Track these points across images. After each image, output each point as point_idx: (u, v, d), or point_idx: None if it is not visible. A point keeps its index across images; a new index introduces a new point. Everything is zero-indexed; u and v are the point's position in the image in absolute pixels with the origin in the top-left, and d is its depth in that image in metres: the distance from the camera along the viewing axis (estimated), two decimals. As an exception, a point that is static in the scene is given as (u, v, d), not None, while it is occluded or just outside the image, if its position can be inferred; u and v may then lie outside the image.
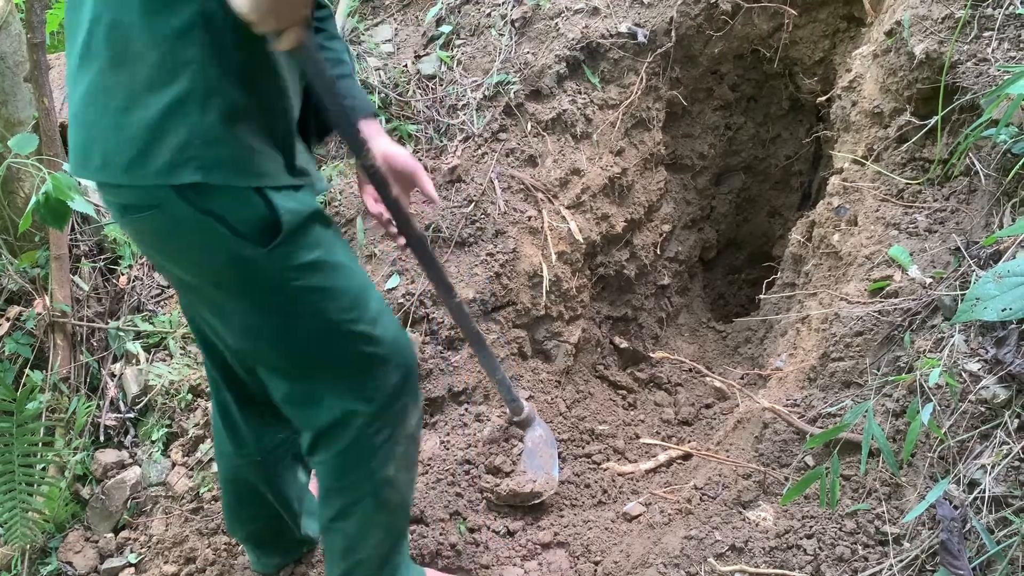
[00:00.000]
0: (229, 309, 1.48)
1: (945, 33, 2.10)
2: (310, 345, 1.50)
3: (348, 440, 1.58)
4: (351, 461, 1.62)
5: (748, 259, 3.50)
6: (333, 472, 1.64)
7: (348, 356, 1.53)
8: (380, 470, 1.62)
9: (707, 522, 1.90)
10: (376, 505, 1.66)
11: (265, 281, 1.41)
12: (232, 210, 1.32)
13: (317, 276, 1.43)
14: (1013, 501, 1.57)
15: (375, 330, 1.53)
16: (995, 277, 1.40)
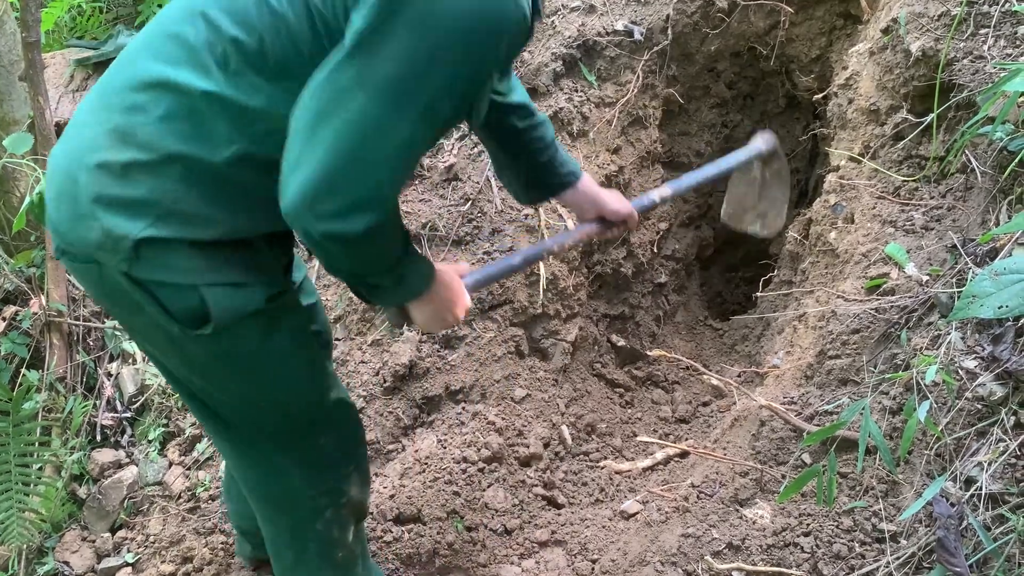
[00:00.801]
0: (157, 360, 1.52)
1: (941, 30, 2.10)
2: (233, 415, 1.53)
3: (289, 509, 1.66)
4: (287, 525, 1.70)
5: (745, 257, 3.49)
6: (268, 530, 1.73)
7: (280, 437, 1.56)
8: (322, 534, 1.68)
9: (704, 520, 1.90)
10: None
11: (189, 357, 1.42)
12: (164, 293, 1.33)
13: (245, 365, 1.44)
14: (1009, 498, 1.57)
15: (309, 413, 1.55)
16: (991, 274, 1.41)
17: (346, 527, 1.70)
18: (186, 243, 1.31)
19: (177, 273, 1.31)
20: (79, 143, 1.32)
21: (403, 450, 2.39)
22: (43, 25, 3.21)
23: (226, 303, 1.34)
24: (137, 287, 1.32)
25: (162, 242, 1.29)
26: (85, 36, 3.79)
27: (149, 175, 1.28)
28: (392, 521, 2.17)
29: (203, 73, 1.25)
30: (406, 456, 2.35)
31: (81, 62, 3.48)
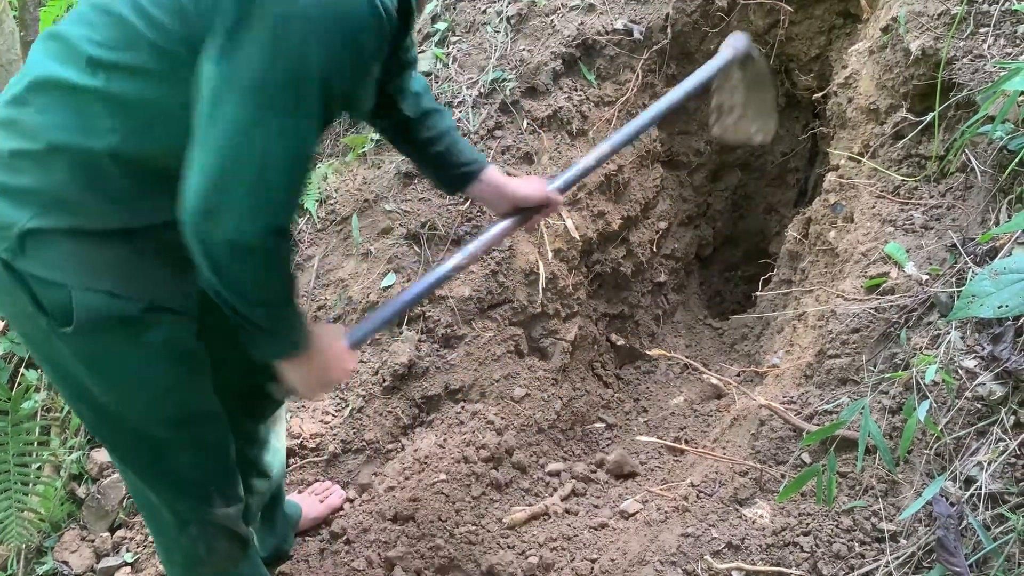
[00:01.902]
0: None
1: (941, 29, 2.10)
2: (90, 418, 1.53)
3: (153, 515, 1.66)
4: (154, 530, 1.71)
5: (744, 256, 3.49)
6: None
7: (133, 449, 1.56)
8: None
9: (704, 519, 1.90)
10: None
11: (54, 352, 1.42)
12: (37, 284, 1.34)
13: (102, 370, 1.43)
14: (1009, 498, 1.57)
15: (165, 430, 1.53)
16: (991, 274, 1.40)
17: (214, 548, 1.67)
18: (70, 235, 1.32)
19: (53, 270, 1.32)
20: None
21: (402, 449, 2.39)
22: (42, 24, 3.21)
23: (91, 306, 1.34)
24: (13, 275, 1.33)
25: (46, 233, 1.31)
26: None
27: (35, 164, 1.31)
28: (391, 520, 2.17)
29: (82, 69, 1.29)
30: (405, 456, 2.35)
31: (80, 61, 3.47)
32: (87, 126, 1.31)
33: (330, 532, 2.20)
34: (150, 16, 1.27)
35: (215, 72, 1.19)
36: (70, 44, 1.32)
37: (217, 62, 1.19)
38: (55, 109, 1.31)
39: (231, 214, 1.21)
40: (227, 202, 1.21)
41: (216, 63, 1.19)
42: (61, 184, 1.31)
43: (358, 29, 1.21)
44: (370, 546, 2.13)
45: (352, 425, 2.41)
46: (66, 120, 1.31)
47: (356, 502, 2.28)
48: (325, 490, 2.30)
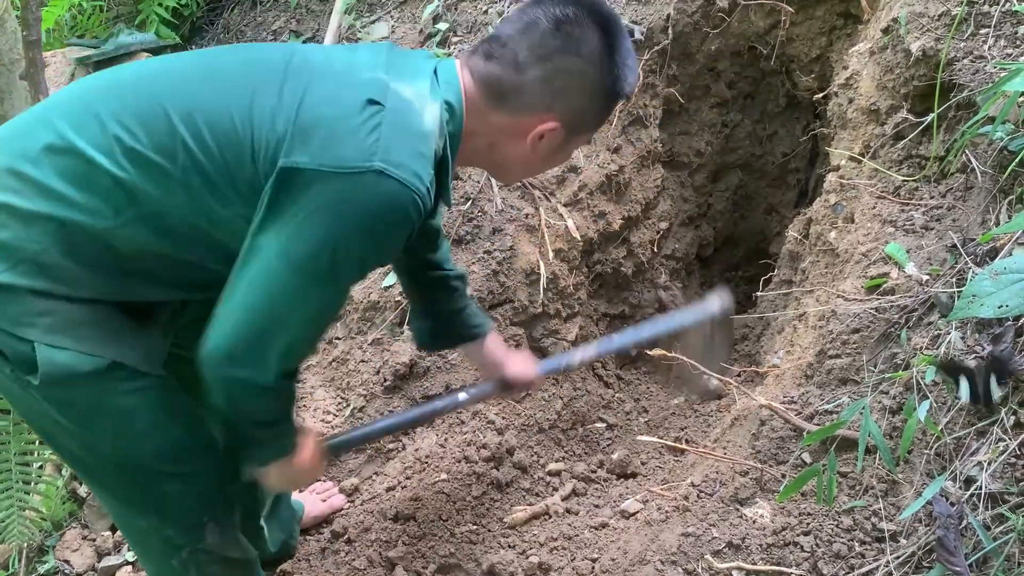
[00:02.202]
0: None
1: (942, 30, 2.10)
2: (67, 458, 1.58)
3: (142, 542, 1.68)
4: (143, 555, 1.73)
5: (745, 256, 3.49)
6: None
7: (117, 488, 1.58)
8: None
9: (704, 519, 1.90)
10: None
11: (22, 398, 1.43)
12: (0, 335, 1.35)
13: (74, 416, 1.43)
14: (1009, 497, 1.57)
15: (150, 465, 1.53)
16: (991, 274, 1.41)
17: (207, 574, 1.67)
18: (37, 294, 1.32)
19: (16, 324, 1.33)
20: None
21: (403, 449, 2.39)
22: (44, 24, 3.21)
23: (56, 362, 1.35)
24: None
25: (10, 289, 1.31)
26: (86, 35, 3.80)
27: (20, 223, 1.31)
28: (391, 520, 2.18)
29: (111, 153, 1.31)
30: (406, 455, 2.35)
31: (82, 61, 3.48)
32: (93, 206, 1.31)
33: (331, 531, 2.20)
34: (202, 137, 1.31)
35: (270, 241, 1.30)
36: (104, 125, 1.32)
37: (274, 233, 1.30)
38: (67, 181, 1.31)
39: (257, 364, 1.35)
40: (256, 354, 1.34)
41: (272, 234, 1.30)
42: (41, 247, 1.31)
43: (402, 221, 1.32)
44: (371, 545, 2.13)
45: (353, 424, 2.42)
46: (74, 195, 1.31)
47: (357, 501, 2.29)
48: (326, 490, 2.30)
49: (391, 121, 1.29)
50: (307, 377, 2.55)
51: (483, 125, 1.47)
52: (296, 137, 1.29)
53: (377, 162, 1.26)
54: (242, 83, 1.35)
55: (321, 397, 2.48)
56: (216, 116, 1.32)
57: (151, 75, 1.42)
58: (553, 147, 1.52)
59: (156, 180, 1.32)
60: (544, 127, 1.46)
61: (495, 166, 1.62)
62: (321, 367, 2.56)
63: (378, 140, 1.27)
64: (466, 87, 1.45)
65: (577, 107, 1.46)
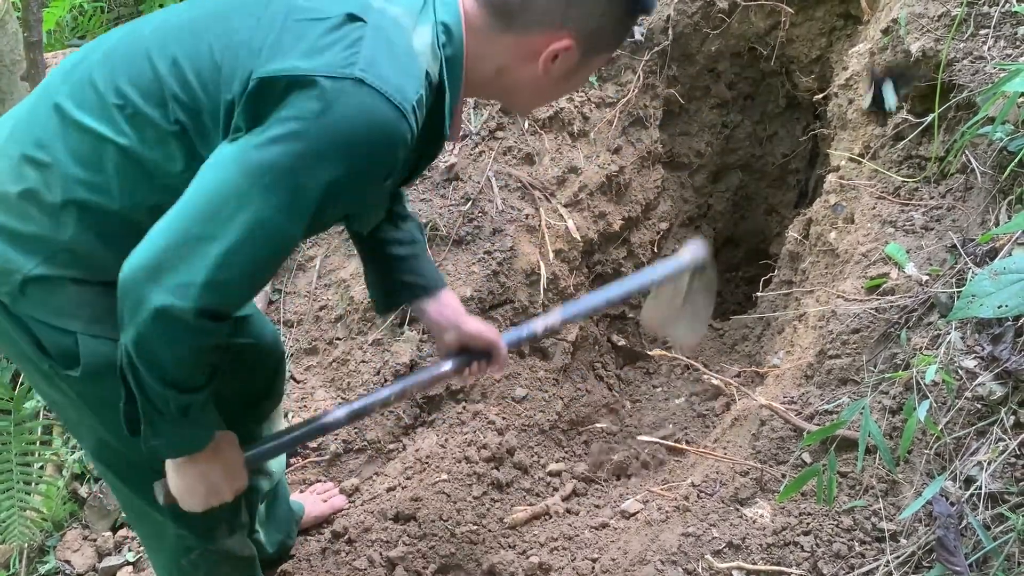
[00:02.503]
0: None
1: (941, 31, 2.10)
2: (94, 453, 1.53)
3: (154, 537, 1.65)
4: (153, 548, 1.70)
5: (745, 257, 3.49)
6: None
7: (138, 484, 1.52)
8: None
9: (704, 519, 1.90)
10: None
11: (57, 392, 1.41)
12: (41, 329, 1.33)
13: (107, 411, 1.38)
14: (1009, 497, 1.57)
15: None
16: (991, 274, 1.41)
17: (216, 574, 1.67)
18: (76, 282, 1.31)
19: (58, 316, 1.31)
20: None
21: (404, 449, 2.39)
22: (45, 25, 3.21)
23: (98, 352, 1.33)
24: (12, 319, 1.33)
25: (50, 281, 1.30)
26: (87, 36, 3.80)
27: (45, 215, 1.29)
28: (392, 520, 2.18)
29: (113, 125, 1.27)
30: (407, 455, 2.35)
31: (82, 62, 3.48)
32: (106, 184, 1.29)
33: (332, 532, 2.20)
34: (187, 81, 1.25)
35: (231, 148, 1.18)
36: (102, 95, 1.29)
37: (235, 144, 1.18)
38: (80, 163, 1.28)
39: (177, 280, 1.15)
40: (179, 268, 1.15)
41: (234, 145, 1.18)
42: (72, 237, 1.29)
43: (383, 142, 1.19)
44: (371, 546, 2.13)
45: (354, 425, 2.42)
46: (86, 176, 1.28)
47: (357, 501, 2.29)
48: (326, 490, 2.31)
49: (373, 36, 1.18)
50: (307, 378, 2.55)
51: (488, 48, 1.34)
52: (272, 52, 1.19)
53: (357, 71, 1.14)
54: (224, 15, 1.28)
55: (321, 398, 2.48)
56: (198, 57, 1.25)
57: (137, 31, 1.36)
58: (568, 69, 1.37)
59: (157, 141, 1.26)
60: (557, 46, 1.31)
61: (506, 94, 1.47)
62: (321, 367, 2.57)
63: (358, 52, 1.16)
64: (466, 7, 1.33)
65: (593, 22, 1.31)
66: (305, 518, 2.20)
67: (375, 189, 1.32)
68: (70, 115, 1.29)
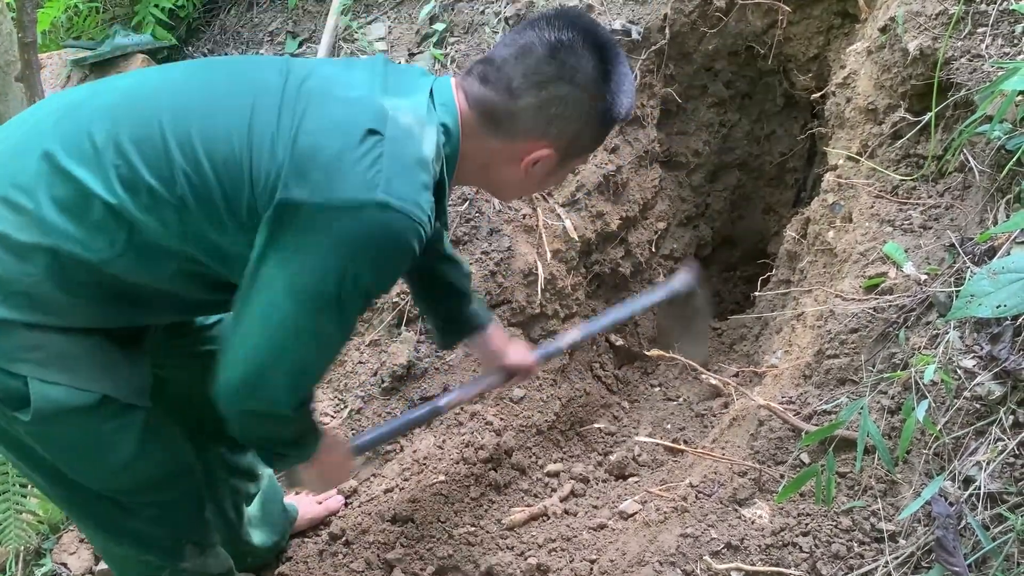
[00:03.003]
0: None
1: (939, 29, 2.10)
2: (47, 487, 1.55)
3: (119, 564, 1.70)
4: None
5: (743, 256, 3.49)
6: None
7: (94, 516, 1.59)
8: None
9: (703, 520, 1.90)
10: None
11: (4, 429, 1.41)
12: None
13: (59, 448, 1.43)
14: (1008, 497, 1.57)
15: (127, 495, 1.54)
16: (990, 273, 1.40)
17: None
18: (27, 327, 1.31)
19: (8, 360, 1.31)
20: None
21: (401, 451, 2.38)
22: (39, 25, 3.20)
23: (49, 397, 1.33)
24: None
25: (3, 323, 1.29)
26: (82, 36, 3.79)
27: (12, 255, 1.28)
28: (389, 521, 2.17)
29: (105, 181, 1.28)
30: (404, 457, 2.35)
31: (78, 62, 3.47)
32: (87, 238, 1.29)
33: (329, 533, 2.19)
34: (199, 162, 1.29)
35: (274, 273, 1.30)
36: (98, 150, 1.29)
37: (277, 265, 1.30)
38: (62, 211, 1.28)
39: (269, 397, 1.38)
40: (268, 387, 1.37)
41: (276, 266, 1.30)
42: (34, 280, 1.29)
43: (405, 251, 1.32)
44: (369, 547, 2.13)
45: (351, 426, 2.41)
46: (68, 227, 1.28)
47: (355, 503, 2.28)
48: (323, 491, 2.31)
49: (391, 151, 1.28)
50: (305, 379, 2.54)
51: (478, 148, 1.45)
52: (295, 168, 1.27)
53: (380, 194, 1.25)
54: (240, 105, 1.32)
55: (319, 398, 2.47)
56: (214, 141, 1.29)
57: (146, 93, 1.38)
58: (547, 171, 1.51)
59: (151, 207, 1.29)
60: (538, 153, 1.45)
61: (490, 186, 1.63)
62: (319, 369, 2.56)
63: (379, 172, 1.26)
64: (461, 109, 1.44)
65: (571, 133, 1.45)
66: (300, 520, 2.19)
67: (400, 276, 1.54)
68: (59, 163, 1.29)
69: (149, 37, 3.57)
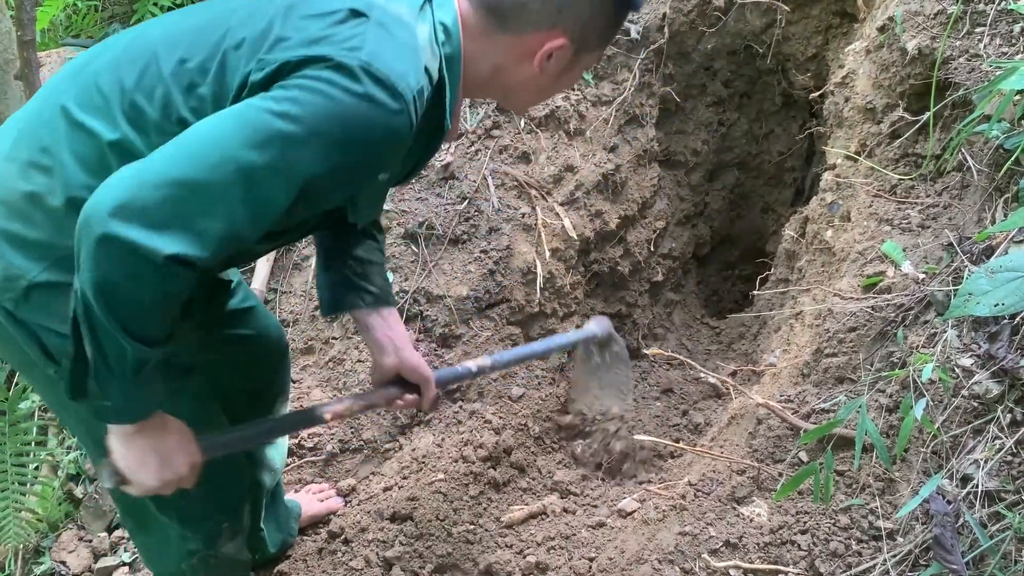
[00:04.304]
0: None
1: (937, 29, 2.10)
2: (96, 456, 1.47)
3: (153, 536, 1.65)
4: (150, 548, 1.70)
5: (742, 255, 3.49)
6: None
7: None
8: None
9: (701, 518, 1.90)
10: None
11: (61, 397, 1.36)
12: (46, 335, 1.33)
13: None
14: (1006, 495, 1.57)
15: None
16: (988, 272, 1.41)
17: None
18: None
19: (63, 322, 1.25)
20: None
21: (400, 449, 2.39)
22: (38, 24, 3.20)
23: None
24: (19, 326, 1.32)
25: (54, 287, 1.29)
26: (81, 35, 3.79)
27: (50, 220, 1.28)
28: (388, 520, 2.17)
29: (112, 124, 1.27)
30: (403, 455, 2.35)
31: (77, 61, 3.47)
32: None
33: (328, 532, 2.20)
34: (192, 79, 1.26)
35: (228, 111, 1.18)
36: (108, 100, 1.29)
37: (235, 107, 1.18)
38: (86, 168, 1.28)
39: (149, 220, 1.09)
40: (152, 207, 1.09)
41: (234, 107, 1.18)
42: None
43: (384, 129, 1.19)
44: (368, 546, 2.13)
45: (350, 424, 2.41)
46: (89, 179, 1.27)
47: (354, 501, 2.28)
48: (322, 490, 2.30)
49: (376, 30, 1.20)
50: (303, 377, 2.54)
51: (485, 49, 1.37)
52: (278, 41, 1.21)
53: (364, 56, 1.16)
54: (229, 18, 1.30)
55: (317, 397, 2.47)
56: (205, 57, 1.26)
57: (144, 35, 1.37)
58: (562, 66, 1.41)
59: (159, 139, 1.23)
60: (551, 45, 1.35)
61: (503, 92, 1.50)
62: (317, 367, 2.56)
63: (363, 42, 1.18)
64: (462, 9, 1.37)
65: (585, 19, 1.36)
66: (301, 517, 2.20)
67: (369, 182, 1.32)
68: (75, 117, 1.29)
69: (148, 35, 3.57)
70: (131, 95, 1.28)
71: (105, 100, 1.29)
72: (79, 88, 1.32)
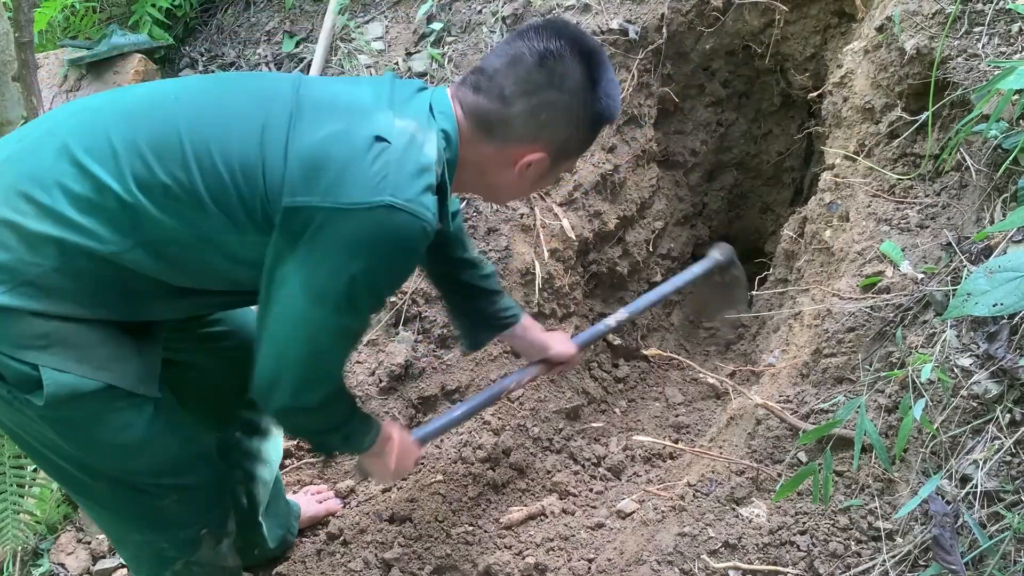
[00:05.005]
0: None
1: (936, 28, 2.10)
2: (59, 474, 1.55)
3: (133, 551, 1.71)
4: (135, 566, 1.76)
5: (740, 255, 3.47)
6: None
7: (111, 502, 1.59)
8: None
9: (700, 519, 1.90)
10: None
11: (19, 416, 1.42)
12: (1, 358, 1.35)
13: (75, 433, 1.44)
14: (1005, 496, 1.57)
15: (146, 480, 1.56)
16: (986, 272, 1.40)
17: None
18: (37, 315, 1.33)
19: (18, 348, 1.33)
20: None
21: (399, 450, 2.38)
22: (36, 25, 3.20)
23: (61, 383, 1.35)
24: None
25: (11, 311, 1.31)
26: (79, 36, 3.78)
27: (24, 244, 1.31)
28: (387, 521, 2.17)
29: (121, 180, 1.32)
30: (402, 456, 2.34)
31: (75, 62, 3.47)
32: (99, 231, 1.32)
33: (327, 533, 2.19)
34: (216, 169, 1.34)
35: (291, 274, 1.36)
36: (117, 153, 1.33)
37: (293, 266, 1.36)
38: (76, 207, 1.32)
39: (292, 388, 1.44)
40: (289, 380, 1.43)
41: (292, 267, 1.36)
42: (42, 269, 1.32)
43: (413, 251, 1.40)
44: (367, 547, 2.13)
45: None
46: (81, 220, 1.32)
47: (353, 503, 2.28)
48: (319, 492, 2.30)
49: (397, 157, 1.35)
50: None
51: (474, 154, 1.51)
52: (305, 174, 1.33)
53: (387, 196, 1.31)
54: (254, 115, 1.39)
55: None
56: (229, 146, 1.35)
57: (164, 101, 1.43)
58: (540, 173, 1.57)
59: (165, 206, 1.34)
60: (531, 157, 1.51)
61: (486, 190, 1.69)
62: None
63: (387, 176, 1.32)
64: (458, 118, 1.50)
65: (562, 137, 1.52)
66: (301, 518, 2.20)
67: (409, 274, 1.63)
68: (77, 159, 1.33)
69: (146, 37, 3.57)
70: (144, 157, 1.33)
71: (115, 153, 1.33)
72: (84, 133, 1.36)
